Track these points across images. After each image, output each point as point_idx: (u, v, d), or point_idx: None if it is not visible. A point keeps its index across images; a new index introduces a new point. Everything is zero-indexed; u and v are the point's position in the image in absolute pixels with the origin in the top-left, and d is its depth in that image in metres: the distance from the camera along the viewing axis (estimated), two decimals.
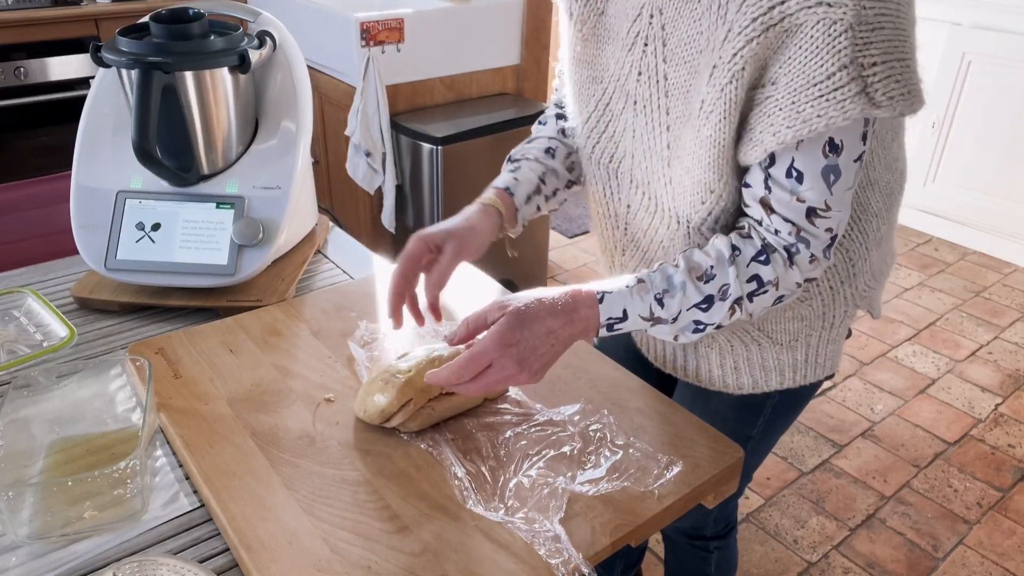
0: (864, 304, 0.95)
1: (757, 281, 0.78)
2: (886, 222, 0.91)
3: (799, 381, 0.97)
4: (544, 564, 0.68)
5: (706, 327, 0.80)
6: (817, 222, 0.76)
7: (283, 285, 1.12)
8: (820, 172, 0.73)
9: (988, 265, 3.15)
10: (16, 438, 0.80)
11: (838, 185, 0.74)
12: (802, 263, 0.78)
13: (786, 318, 0.92)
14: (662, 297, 0.78)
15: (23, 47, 2.50)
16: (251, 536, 0.70)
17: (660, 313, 0.79)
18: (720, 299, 0.78)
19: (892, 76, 0.67)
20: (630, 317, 0.79)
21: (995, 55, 3.01)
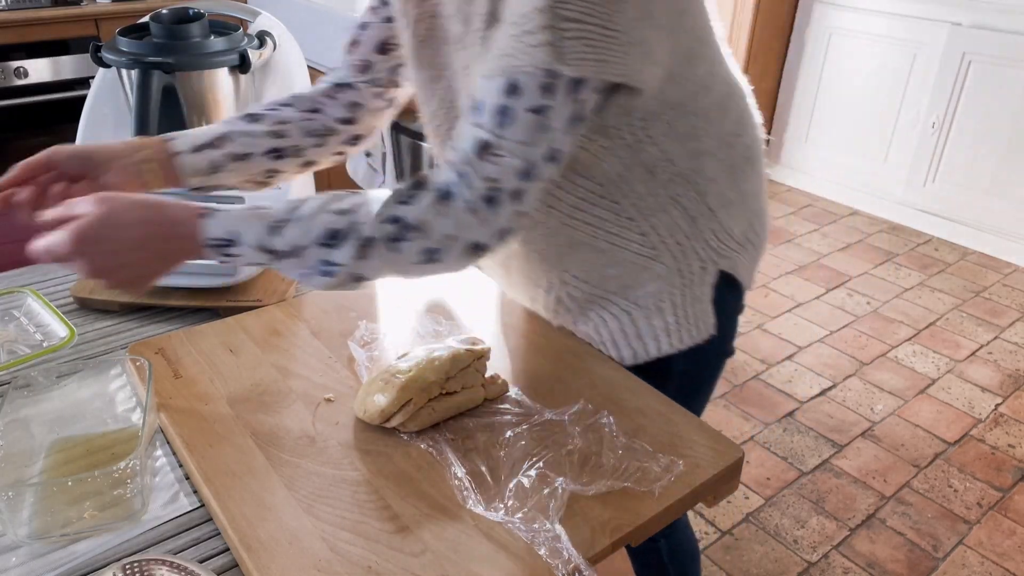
0: (726, 265, 0.95)
1: (398, 223, 0.74)
2: (731, 189, 0.92)
3: (677, 345, 0.96)
4: (544, 564, 0.68)
5: (337, 270, 0.75)
6: (483, 163, 0.72)
7: (283, 285, 1.12)
8: (495, 109, 0.71)
9: (988, 265, 3.15)
10: (16, 438, 0.80)
11: (511, 130, 0.71)
12: (457, 209, 0.73)
13: (645, 279, 0.93)
14: (279, 226, 0.74)
15: (23, 47, 2.50)
16: (251, 536, 0.70)
17: (275, 243, 0.74)
18: (351, 238, 0.74)
19: (586, 38, 0.67)
20: (243, 242, 0.75)
21: (995, 55, 3.01)
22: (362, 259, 0.74)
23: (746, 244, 0.98)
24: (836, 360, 2.50)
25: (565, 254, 0.93)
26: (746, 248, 0.98)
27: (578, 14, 0.67)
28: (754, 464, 2.05)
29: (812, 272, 3.04)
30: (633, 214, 0.89)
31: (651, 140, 0.84)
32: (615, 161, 0.84)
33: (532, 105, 0.70)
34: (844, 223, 3.45)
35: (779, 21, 3.50)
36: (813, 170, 3.70)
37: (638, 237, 0.90)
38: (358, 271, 0.76)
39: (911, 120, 3.31)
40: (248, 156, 0.94)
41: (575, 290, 0.96)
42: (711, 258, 0.94)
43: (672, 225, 0.91)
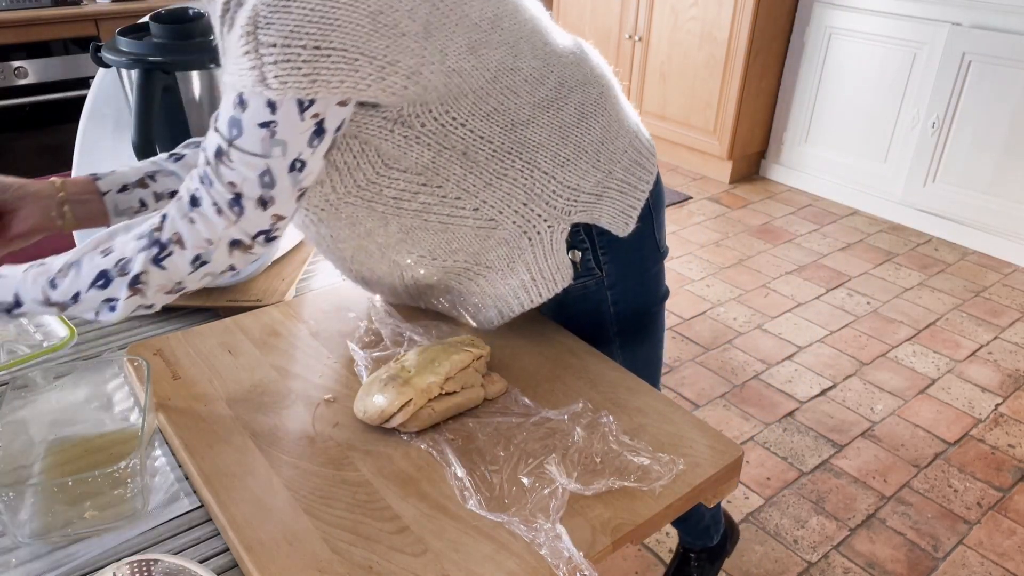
0: (583, 218, 0.95)
1: (157, 244, 0.77)
2: (569, 147, 0.92)
3: (536, 299, 0.98)
4: (545, 564, 0.68)
5: (118, 304, 0.78)
6: (221, 168, 0.75)
7: (283, 285, 1.12)
8: (228, 120, 0.73)
9: (988, 265, 3.15)
10: (14, 439, 0.80)
11: (241, 141, 0.73)
12: (207, 212, 0.76)
13: (491, 245, 0.94)
14: (55, 279, 0.78)
15: (23, 47, 2.50)
16: (251, 537, 0.70)
17: (54, 296, 0.78)
18: (119, 275, 0.77)
19: (288, 61, 0.68)
20: (25, 303, 0.79)
21: (995, 55, 3.01)
22: (137, 286, 0.78)
23: (603, 193, 0.96)
24: (836, 360, 2.50)
25: (403, 240, 0.93)
26: (604, 197, 0.96)
27: (279, 38, 0.68)
28: (754, 464, 2.05)
29: (812, 272, 3.04)
30: (459, 194, 0.89)
31: (456, 123, 0.84)
32: (423, 150, 0.84)
33: (259, 120, 0.72)
34: (844, 223, 3.45)
35: (779, 21, 3.50)
36: (813, 170, 3.70)
37: (471, 212, 0.91)
38: (142, 300, 0.79)
39: (911, 120, 3.31)
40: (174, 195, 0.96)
41: (427, 268, 0.96)
42: (556, 216, 0.94)
43: (503, 196, 0.91)
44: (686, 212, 3.46)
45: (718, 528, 1.51)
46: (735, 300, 2.80)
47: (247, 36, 0.68)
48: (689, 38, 3.59)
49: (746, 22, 3.37)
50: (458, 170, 0.87)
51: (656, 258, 1.06)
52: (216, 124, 0.75)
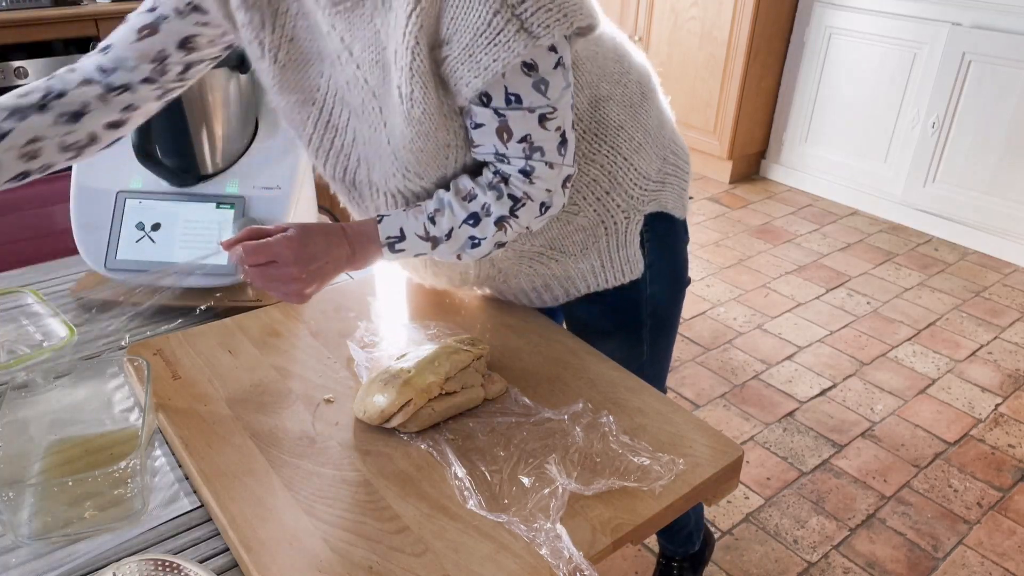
0: (653, 207, 1.01)
1: (512, 199, 0.86)
2: (638, 130, 0.97)
3: (602, 284, 1.03)
4: (545, 564, 0.68)
5: (482, 242, 0.88)
6: (548, 124, 0.82)
7: None
8: (532, 87, 0.79)
9: (988, 265, 3.15)
10: (14, 439, 0.80)
11: (552, 89, 0.80)
12: (544, 174, 0.85)
13: (569, 231, 0.98)
14: (434, 216, 0.86)
15: (23, 47, 2.50)
16: (251, 537, 0.70)
17: (434, 231, 0.87)
18: (485, 216, 0.86)
19: (543, 6, 0.74)
20: (408, 236, 0.87)
21: (995, 55, 3.01)
22: (499, 230, 0.87)
23: (666, 180, 1.02)
24: (836, 360, 2.50)
25: None
26: (667, 184, 1.02)
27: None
28: (754, 464, 2.05)
29: (812, 272, 3.04)
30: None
31: None
32: None
33: (552, 64, 0.78)
34: (844, 223, 3.45)
35: (779, 21, 3.50)
36: (813, 170, 3.70)
37: None
38: (498, 239, 0.88)
39: (911, 120, 3.31)
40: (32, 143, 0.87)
41: (505, 252, 0.98)
42: (634, 207, 0.99)
43: (590, 183, 0.95)
44: None
45: (699, 534, 1.50)
46: (735, 300, 2.80)
47: (498, 12, 0.73)
48: (689, 38, 3.59)
49: (746, 22, 3.37)
50: None
51: (686, 237, 1.08)
52: (524, 106, 0.80)
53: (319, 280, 0.86)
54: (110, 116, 0.91)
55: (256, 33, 0.86)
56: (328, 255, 0.85)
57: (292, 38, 0.87)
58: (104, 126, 0.91)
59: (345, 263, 0.87)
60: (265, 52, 0.87)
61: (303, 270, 0.83)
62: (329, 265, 0.85)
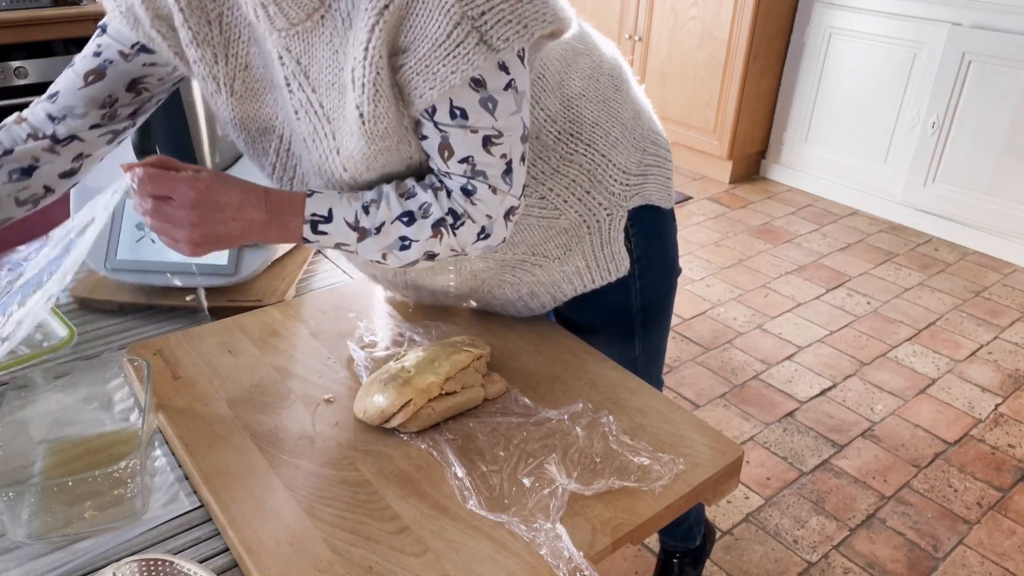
0: (637, 201, 0.99)
1: (452, 215, 0.82)
2: (615, 125, 0.95)
3: (589, 285, 1.01)
4: (545, 564, 0.68)
5: (413, 244, 0.82)
6: (492, 149, 0.79)
7: (283, 285, 1.12)
8: (478, 104, 0.76)
9: (988, 265, 3.15)
10: (14, 439, 0.80)
11: (500, 111, 0.77)
12: (485, 197, 0.81)
13: (551, 235, 0.96)
14: (368, 205, 0.81)
15: (23, 47, 2.50)
16: (251, 537, 0.70)
17: (364, 221, 0.81)
18: (422, 217, 0.81)
19: (502, 20, 0.72)
20: (335, 219, 0.81)
21: (995, 55, 3.01)
22: (433, 238, 0.82)
23: (647, 172, 1.00)
24: (836, 360, 2.50)
25: None
26: (648, 175, 1.00)
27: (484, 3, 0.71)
28: (754, 464, 2.05)
29: (812, 272, 3.04)
30: (528, 181, 0.90)
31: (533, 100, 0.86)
32: None
33: (502, 85, 0.76)
34: (844, 223, 3.45)
35: (779, 21, 3.50)
36: (813, 170, 3.70)
37: (537, 202, 0.93)
38: (428, 248, 0.83)
39: (911, 120, 3.31)
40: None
41: (483, 262, 0.97)
42: (616, 204, 0.97)
43: (570, 184, 0.93)
44: (686, 212, 3.46)
45: (700, 528, 1.50)
46: (735, 300, 2.80)
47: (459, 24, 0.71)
48: (689, 38, 3.59)
49: (746, 22, 3.37)
50: (529, 155, 0.88)
51: (674, 226, 1.07)
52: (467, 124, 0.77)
53: (217, 238, 0.78)
54: (62, 167, 0.92)
55: (209, 68, 0.84)
56: (237, 213, 0.78)
57: (247, 65, 0.84)
58: (57, 176, 0.93)
59: (256, 230, 0.80)
60: (221, 86, 0.85)
61: (202, 218, 0.76)
62: (235, 224, 0.78)
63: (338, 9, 0.75)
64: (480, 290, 1.03)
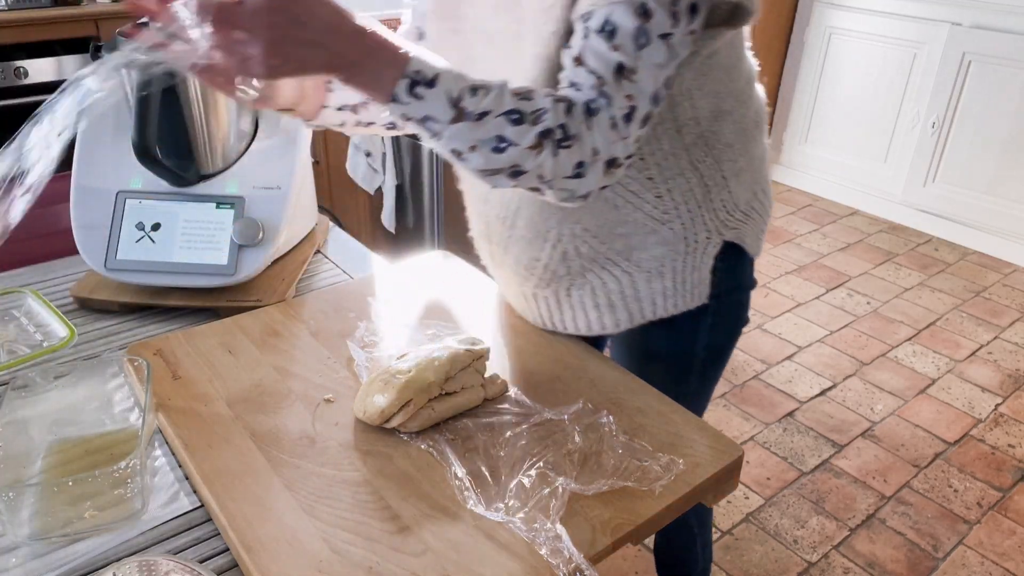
0: (733, 236, 0.98)
1: (563, 130, 0.75)
2: (743, 156, 0.96)
3: (671, 309, 0.99)
4: (545, 564, 0.68)
5: (507, 149, 0.74)
6: (622, 83, 0.75)
7: (283, 285, 1.12)
8: (631, 31, 0.73)
9: (988, 265, 3.15)
10: (14, 439, 0.80)
11: (646, 53, 0.74)
12: (602, 123, 0.75)
13: (650, 243, 0.95)
14: (477, 88, 0.73)
15: (23, 47, 2.50)
16: (251, 537, 0.70)
17: (467, 103, 0.72)
18: (531, 123, 0.74)
19: None
20: (438, 86, 0.72)
21: (995, 55, 3.01)
22: (532, 150, 0.74)
23: (751, 213, 1.00)
24: (836, 360, 2.50)
25: (581, 207, 0.92)
26: (751, 218, 1.00)
27: None
28: (754, 464, 2.05)
29: (812, 272, 3.04)
30: (654, 173, 0.90)
31: (686, 94, 0.86)
32: None
33: (662, 31, 0.73)
34: (844, 223, 3.45)
35: (779, 21, 3.50)
36: (813, 170, 3.70)
37: (653, 199, 0.92)
38: (520, 160, 0.75)
39: (911, 120, 3.31)
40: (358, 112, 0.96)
41: (582, 245, 0.95)
42: (717, 229, 0.96)
43: (687, 191, 0.93)
44: None
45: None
46: None
47: None
48: None
49: None
50: (666, 145, 0.88)
51: (753, 278, 1.06)
52: (610, 40, 0.74)
53: (298, 61, 0.67)
54: None
55: None
56: (323, 36, 0.67)
57: None
58: None
59: (343, 66, 0.70)
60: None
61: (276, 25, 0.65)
62: (320, 51, 0.68)
63: None
64: (562, 282, 0.99)
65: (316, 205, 1.30)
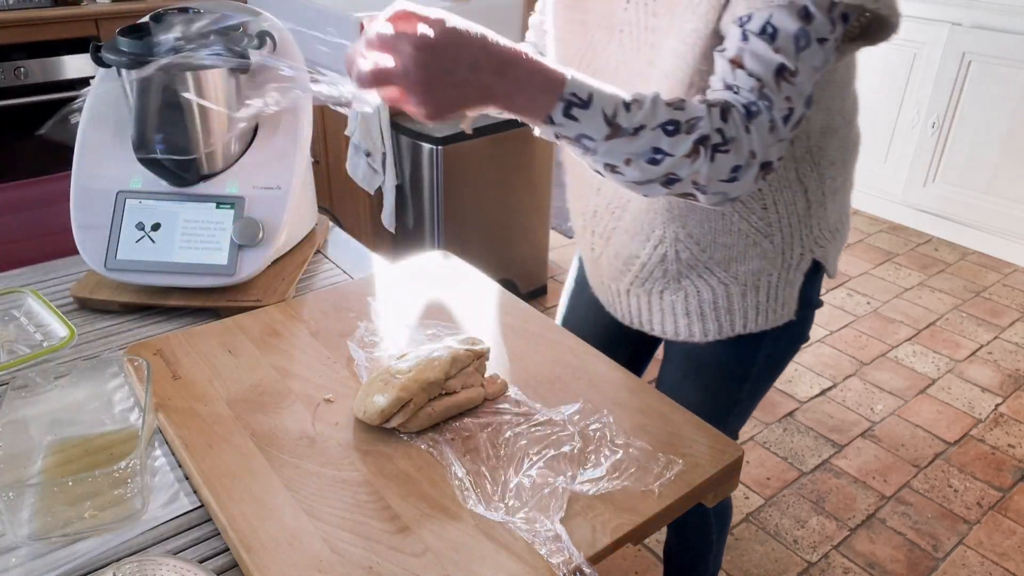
0: (819, 254, 0.99)
1: (720, 134, 0.75)
2: (842, 174, 0.97)
3: (760, 325, 1.00)
4: (545, 564, 0.68)
5: (663, 160, 0.75)
6: (783, 85, 0.75)
7: (283, 285, 1.12)
8: (792, 34, 0.74)
9: (988, 265, 3.15)
10: (15, 439, 0.80)
11: (805, 56, 0.75)
12: (761, 126, 0.76)
13: (749, 256, 0.96)
14: (631, 104, 0.74)
15: (23, 47, 2.50)
16: (251, 537, 0.70)
17: (622, 119, 0.73)
18: (687, 131, 0.74)
19: None
20: (592, 106, 0.73)
21: (995, 55, 3.01)
22: (688, 157, 0.74)
23: (836, 234, 1.01)
24: (836, 360, 2.50)
25: (689, 210, 0.93)
26: (836, 238, 1.02)
27: None
28: (754, 464, 2.05)
29: None
30: (763, 184, 0.90)
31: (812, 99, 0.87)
32: None
33: (821, 35, 0.74)
34: None
35: None
36: None
37: (760, 210, 0.92)
38: (676, 169, 0.75)
39: (911, 120, 3.31)
40: None
41: (684, 250, 0.96)
42: (810, 247, 0.98)
43: (791, 204, 0.93)
44: None
45: None
46: None
47: None
48: None
49: None
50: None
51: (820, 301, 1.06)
52: (772, 41, 0.74)
53: (451, 103, 0.72)
54: None
55: None
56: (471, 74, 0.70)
57: None
58: None
59: (497, 98, 0.73)
60: None
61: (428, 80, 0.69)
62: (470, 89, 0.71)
63: None
64: (657, 284, 1.00)
65: (316, 205, 1.30)
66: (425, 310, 1.08)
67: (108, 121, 1.12)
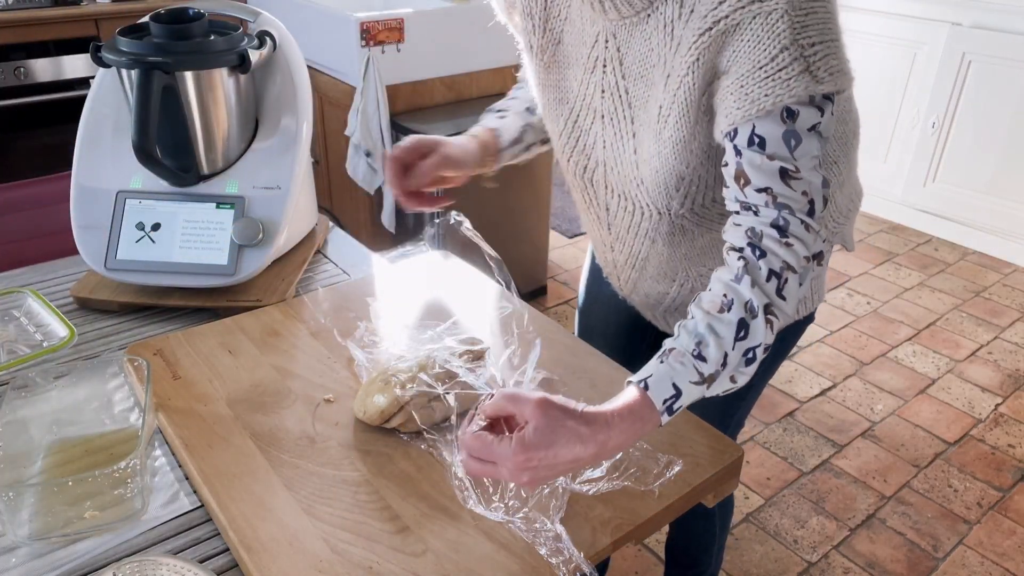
0: (837, 239, 1.04)
1: (774, 279, 0.76)
2: (845, 166, 0.99)
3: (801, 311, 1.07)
4: (545, 564, 0.68)
5: (756, 351, 0.75)
6: (792, 183, 0.76)
7: (283, 285, 1.12)
8: (780, 137, 0.75)
9: (988, 265, 3.15)
10: (15, 439, 0.80)
11: (801, 151, 0.75)
12: (798, 231, 0.76)
13: None
14: (698, 352, 0.74)
15: (23, 47, 2.50)
16: (251, 536, 0.70)
17: (706, 369, 0.73)
18: (751, 317, 0.74)
19: (830, 54, 0.73)
20: (684, 391, 0.73)
21: (995, 55, 3.01)
22: (767, 326, 0.75)
23: (849, 214, 1.04)
24: (836, 360, 2.50)
25: (707, 252, 0.97)
26: (848, 218, 1.05)
27: (817, 35, 0.72)
28: (754, 464, 2.05)
29: None
30: None
31: None
32: None
33: (809, 124, 0.75)
34: None
35: None
36: None
37: None
38: (768, 340, 0.76)
39: (911, 120, 3.31)
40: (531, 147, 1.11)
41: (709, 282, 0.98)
42: (829, 238, 1.02)
43: None
44: None
45: None
46: None
47: (787, 49, 0.71)
48: None
49: None
50: None
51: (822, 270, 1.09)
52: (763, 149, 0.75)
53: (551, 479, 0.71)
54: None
55: (528, 37, 0.94)
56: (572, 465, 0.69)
57: (559, 42, 0.92)
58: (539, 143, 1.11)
59: (604, 459, 0.75)
60: (534, 54, 0.95)
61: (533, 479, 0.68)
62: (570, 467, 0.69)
63: (663, 12, 0.78)
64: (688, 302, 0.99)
65: (316, 205, 1.30)
66: (425, 310, 1.08)
67: (108, 121, 1.12)
